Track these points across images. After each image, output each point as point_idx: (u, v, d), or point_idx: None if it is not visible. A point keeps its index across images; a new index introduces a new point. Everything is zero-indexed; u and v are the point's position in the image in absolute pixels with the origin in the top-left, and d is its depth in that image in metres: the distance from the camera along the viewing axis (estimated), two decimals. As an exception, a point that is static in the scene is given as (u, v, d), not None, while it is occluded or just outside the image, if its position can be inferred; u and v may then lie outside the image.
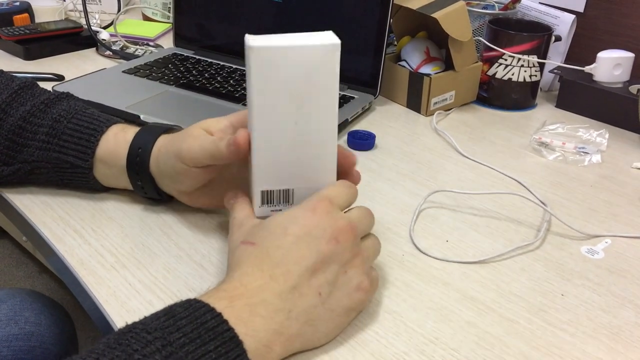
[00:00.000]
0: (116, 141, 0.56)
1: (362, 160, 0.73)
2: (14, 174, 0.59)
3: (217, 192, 0.54)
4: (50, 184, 0.60)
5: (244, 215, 0.48)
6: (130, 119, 0.73)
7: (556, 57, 0.96)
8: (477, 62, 0.89)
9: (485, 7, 1.02)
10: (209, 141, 0.49)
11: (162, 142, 0.55)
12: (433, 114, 0.86)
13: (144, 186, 0.57)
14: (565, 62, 0.96)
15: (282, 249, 0.42)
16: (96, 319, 0.48)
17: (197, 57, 0.96)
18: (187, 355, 0.35)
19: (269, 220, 0.45)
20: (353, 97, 0.85)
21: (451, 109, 0.90)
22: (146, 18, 1.25)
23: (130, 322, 0.37)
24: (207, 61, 0.94)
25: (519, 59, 0.87)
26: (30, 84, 0.61)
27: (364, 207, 0.48)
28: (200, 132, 0.51)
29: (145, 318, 0.38)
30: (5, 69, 0.95)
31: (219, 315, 0.38)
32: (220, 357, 0.36)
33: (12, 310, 0.71)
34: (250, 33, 0.45)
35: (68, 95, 0.61)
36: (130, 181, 0.57)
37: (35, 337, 0.69)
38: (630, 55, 0.87)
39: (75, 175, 0.58)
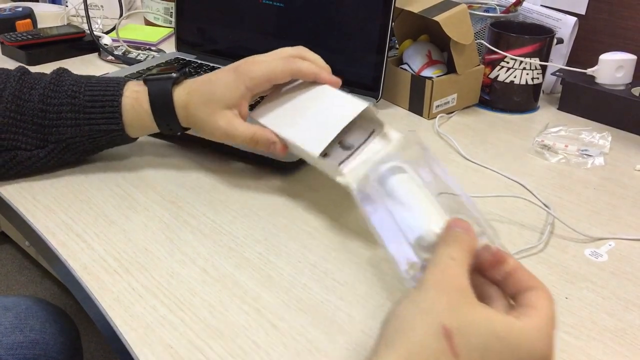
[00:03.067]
0: (137, 113, 0.61)
1: (365, 163, 0.73)
2: (49, 155, 0.62)
3: None
4: (85, 154, 0.65)
5: (456, 281, 0.36)
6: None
7: (558, 60, 0.96)
8: (479, 65, 0.89)
9: (486, 10, 1.03)
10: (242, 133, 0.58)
11: (186, 105, 0.59)
12: (435, 117, 0.86)
13: (173, 129, 0.62)
14: (567, 64, 0.96)
15: None
16: (100, 324, 0.48)
17: (199, 61, 0.96)
18: None
19: (489, 332, 0.34)
20: (355, 101, 0.85)
21: (453, 112, 0.90)
22: (148, 23, 1.25)
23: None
24: (209, 65, 0.94)
25: (521, 62, 0.87)
26: (26, 70, 0.64)
27: None
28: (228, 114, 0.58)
29: None
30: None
31: None
32: None
33: (17, 318, 0.71)
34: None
35: (64, 70, 0.64)
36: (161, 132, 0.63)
37: (40, 345, 0.69)
38: (633, 57, 0.87)
39: (109, 138, 0.63)
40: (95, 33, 1.05)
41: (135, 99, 0.61)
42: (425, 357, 0.33)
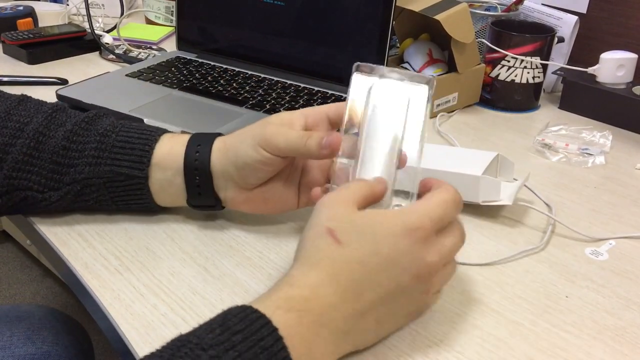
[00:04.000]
0: (171, 144, 0.54)
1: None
2: (63, 199, 0.54)
3: (271, 194, 0.54)
4: (99, 204, 0.56)
5: (341, 198, 0.44)
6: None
7: (559, 59, 0.96)
8: (479, 64, 0.89)
9: (487, 9, 1.03)
10: (296, 136, 0.49)
11: (225, 140, 0.54)
12: (436, 116, 0.86)
13: (201, 185, 0.53)
14: (568, 63, 0.96)
15: (365, 268, 0.41)
16: (100, 322, 0.48)
17: (200, 60, 0.96)
18: None
19: (367, 222, 0.42)
20: (356, 100, 0.84)
21: (454, 110, 0.90)
22: (149, 22, 1.25)
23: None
24: (210, 64, 0.94)
25: (522, 61, 0.87)
26: (62, 106, 0.57)
27: (461, 230, 0.45)
28: (281, 123, 0.51)
29: (200, 329, 0.37)
30: (9, 73, 0.96)
31: (280, 339, 0.37)
32: None
33: (30, 329, 0.70)
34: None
35: (105, 113, 0.58)
36: (186, 181, 0.54)
37: (52, 357, 0.69)
38: (634, 56, 0.87)
39: (128, 189, 0.54)
40: (96, 32, 1.05)
41: (175, 135, 0.56)
42: (315, 253, 0.42)
